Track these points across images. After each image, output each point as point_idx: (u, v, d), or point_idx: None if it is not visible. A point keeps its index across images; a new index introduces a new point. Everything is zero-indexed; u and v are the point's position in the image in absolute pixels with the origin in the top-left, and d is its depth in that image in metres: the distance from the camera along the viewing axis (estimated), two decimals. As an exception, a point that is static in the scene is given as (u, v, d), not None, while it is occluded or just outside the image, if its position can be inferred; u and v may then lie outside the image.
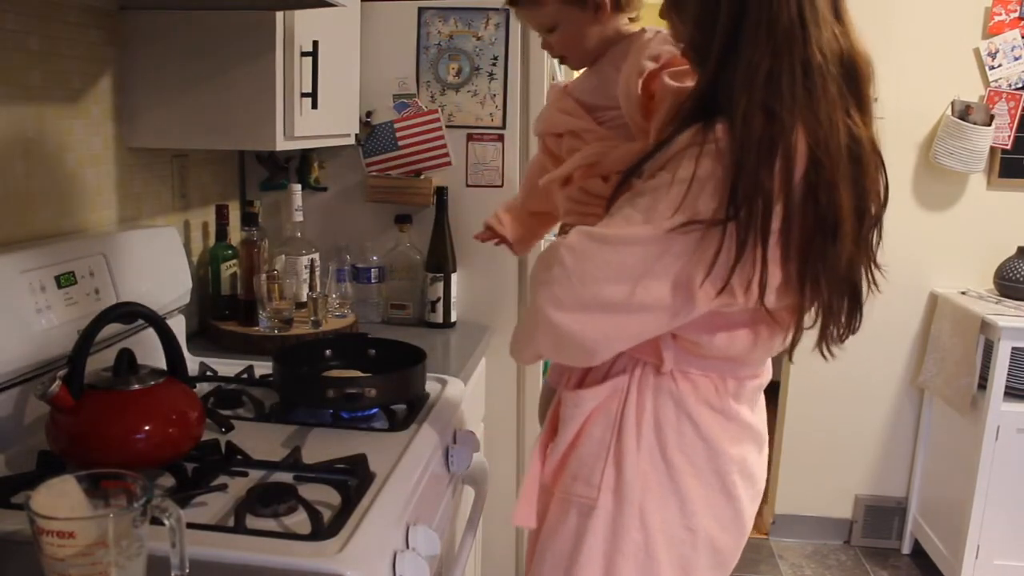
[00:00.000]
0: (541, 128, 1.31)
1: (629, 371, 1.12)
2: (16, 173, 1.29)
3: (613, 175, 1.13)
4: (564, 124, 1.24)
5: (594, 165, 1.17)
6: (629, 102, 1.12)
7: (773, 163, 0.92)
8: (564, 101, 1.25)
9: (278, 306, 1.73)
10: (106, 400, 1.04)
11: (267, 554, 0.91)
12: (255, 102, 1.54)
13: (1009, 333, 2.46)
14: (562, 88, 1.28)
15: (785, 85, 0.93)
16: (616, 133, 1.18)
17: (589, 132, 1.20)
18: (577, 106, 1.23)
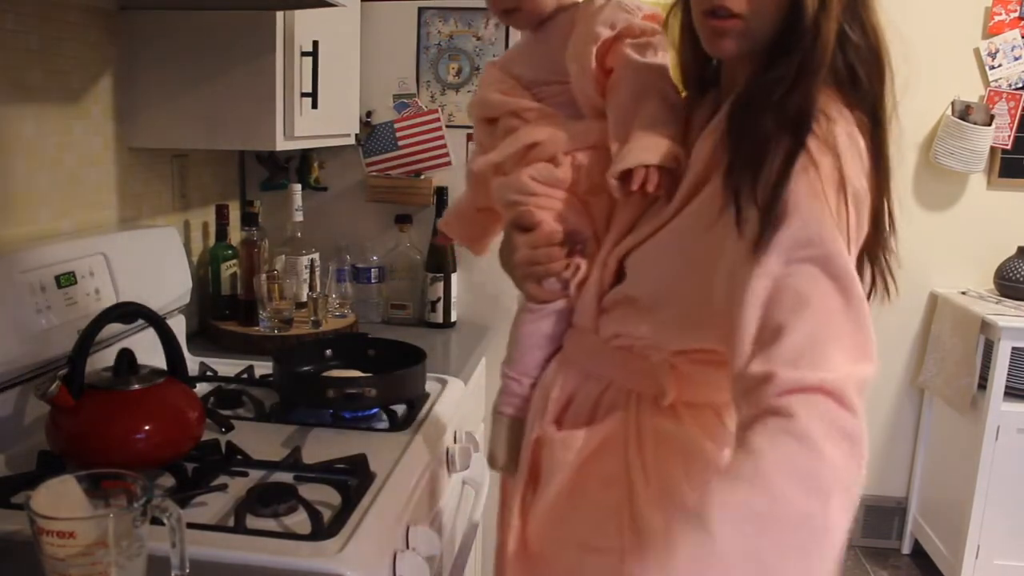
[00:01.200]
0: (474, 112, 1.16)
1: (623, 406, 0.96)
2: (16, 173, 1.29)
3: (560, 155, 1.02)
4: (500, 105, 1.09)
5: (535, 146, 1.03)
6: (582, 74, 1.00)
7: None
8: (500, 80, 1.11)
9: (278, 306, 1.73)
10: (106, 400, 1.04)
11: (267, 554, 0.91)
12: (255, 102, 1.54)
13: (1009, 333, 2.46)
14: (496, 66, 1.14)
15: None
16: (560, 112, 1.05)
17: (529, 111, 1.06)
18: (515, 83, 1.09)
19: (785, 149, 0.78)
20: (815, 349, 0.70)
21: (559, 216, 1.02)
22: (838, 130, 0.80)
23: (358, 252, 2.05)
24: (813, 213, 0.75)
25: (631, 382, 0.96)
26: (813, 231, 0.75)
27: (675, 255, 0.90)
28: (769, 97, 0.81)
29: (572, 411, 1.00)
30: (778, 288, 0.74)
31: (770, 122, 0.80)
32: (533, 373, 1.09)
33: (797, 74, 0.81)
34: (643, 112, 0.95)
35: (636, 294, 0.93)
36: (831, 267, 0.73)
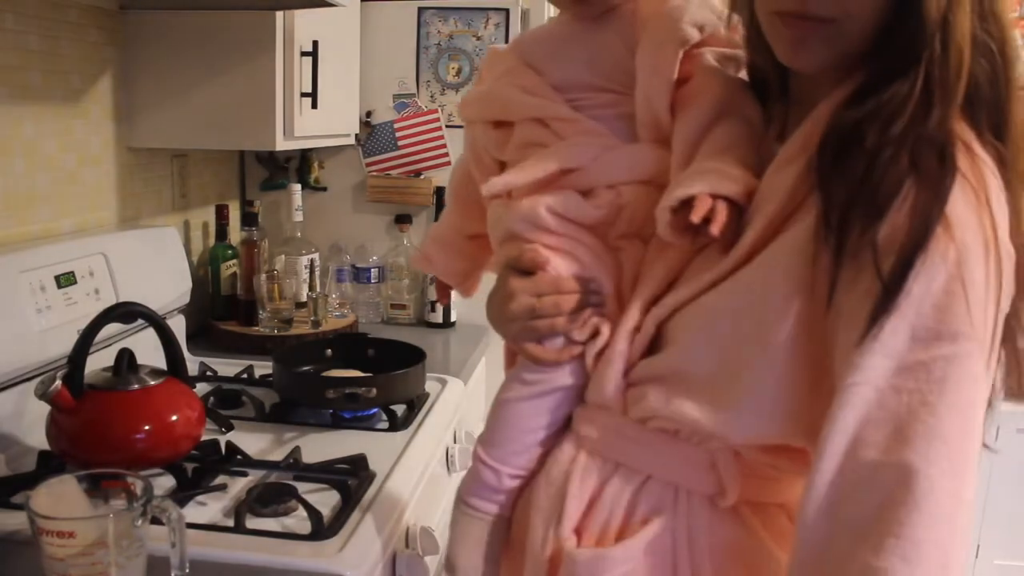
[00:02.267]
0: (479, 112, 0.89)
1: (669, 508, 0.73)
2: (16, 173, 1.29)
3: (601, 189, 0.79)
4: (525, 108, 0.83)
5: (571, 172, 0.80)
6: (656, 84, 0.77)
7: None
8: (522, 75, 0.85)
9: (278, 306, 1.73)
10: (106, 400, 1.04)
11: (267, 554, 0.91)
12: (255, 102, 1.54)
13: (1009, 333, 2.46)
14: (514, 54, 0.87)
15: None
16: (606, 127, 0.81)
17: (566, 123, 0.81)
18: (542, 82, 0.83)
19: (923, 200, 0.58)
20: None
21: (575, 260, 0.79)
22: (984, 168, 0.60)
23: (358, 252, 2.05)
24: (950, 295, 0.57)
25: (678, 475, 0.74)
26: (941, 323, 0.57)
27: (742, 317, 0.67)
28: (889, 127, 0.61)
29: (597, 516, 0.76)
30: (882, 407, 0.57)
31: (901, 159, 0.60)
32: (516, 464, 0.83)
33: (925, 93, 0.60)
34: (717, 132, 0.75)
35: (684, 368, 0.71)
36: (958, 378, 0.56)
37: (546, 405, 0.81)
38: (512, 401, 0.83)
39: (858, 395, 0.58)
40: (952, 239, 0.57)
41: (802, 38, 0.65)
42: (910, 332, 0.57)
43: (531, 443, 0.83)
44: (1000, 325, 0.60)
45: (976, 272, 0.57)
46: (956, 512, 0.56)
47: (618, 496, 0.75)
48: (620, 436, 0.76)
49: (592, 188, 0.79)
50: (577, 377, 0.80)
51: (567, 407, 0.82)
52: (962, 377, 0.57)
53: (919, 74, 0.61)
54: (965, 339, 0.57)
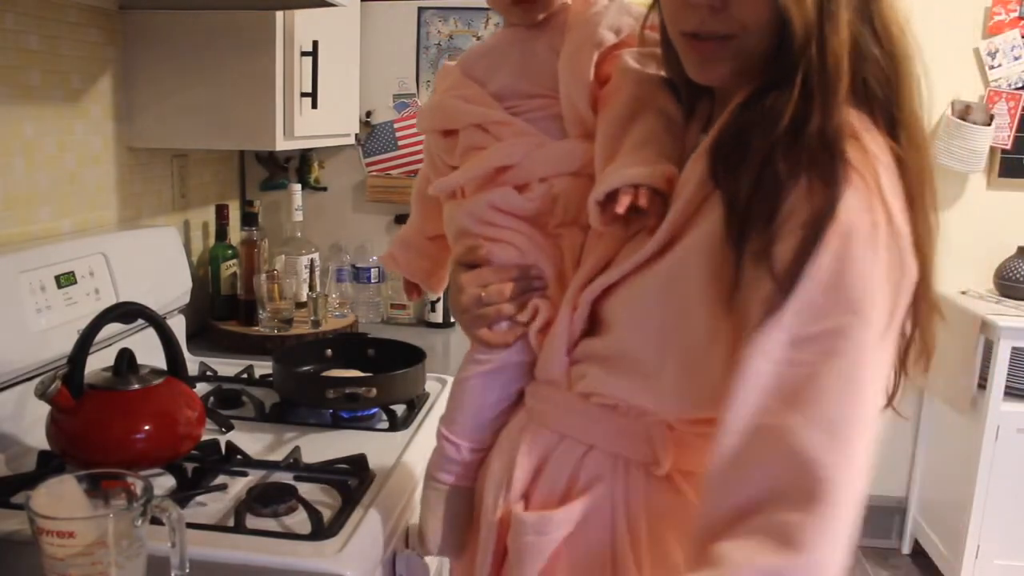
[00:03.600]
0: (429, 123, 0.96)
1: (608, 476, 0.78)
2: (16, 173, 1.29)
3: (535, 183, 0.86)
4: (467, 115, 0.90)
5: (506, 170, 0.86)
6: (576, 85, 0.84)
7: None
8: (464, 86, 0.92)
9: (278, 306, 1.73)
10: (106, 400, 1.04)
11: (267, 554, 0.91)
12: (255, 102, 1.54)
13: (1009, 333, 2.46)
14: (458, 69, 0.95)
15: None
16: (539, 127, 0.88)
17: (502, 125, 0.88)
18: (482, 92, 0.91)
19: (818, 191, 0.62)
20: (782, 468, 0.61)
21: (515, 249, 0.86)
22: (875, 161, 0.64)
23: (358, 252, 2.05)
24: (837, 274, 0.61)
25: (617, 446, 0.78)
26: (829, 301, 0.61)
27: (668, 302, 0.72)
28: (771, 130, 0.65)
29: (543, 483, 0.81)
30: (777, 376, 0.62)
31: (780, 163, 0.64)
32: (474, 438, 0.91)
33: (804, 98, 0.65)
34: (638, 127, 0.80)
35: (620, 350, 0.77)
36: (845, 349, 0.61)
37: (497, 382, 0.89)
38: (467, 379, 0.91)
39: (754, 367, 0.62)
40: (840, 224, 0.61)
41: (707, 56, 0.70)
42: (802, 309, 0.61)
43: (486, 418, 0.91)
44: (899, 303, 0.64)
45: (864, 253, 0.61)
46: (846, 469, 0.60)
47: (562, 465, 0.81)
48: (565, 410, 0.82)
49: (527, 182, 0.87)
50: (522, 354, 0.87)
51: (517, 383, 0.89)
52: (848, 349, 0.60)
53: (797, 80, 0.65)
54: (852, 314, 0.61)
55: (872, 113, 0.68)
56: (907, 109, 0.69)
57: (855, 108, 0.67)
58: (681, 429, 0.76)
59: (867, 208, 0.62)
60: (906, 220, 0.65)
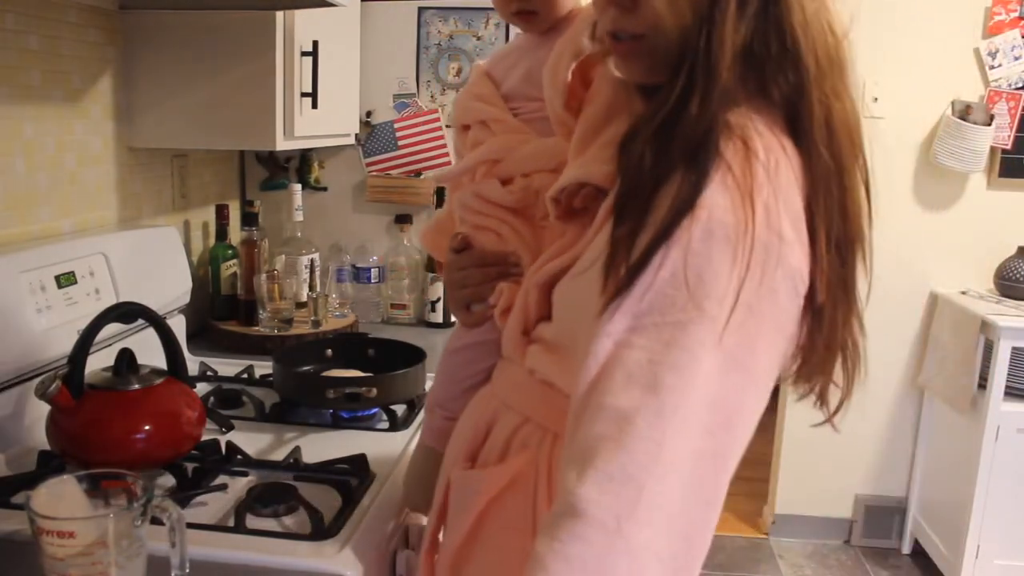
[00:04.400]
0: (454, 119, 1.07)
1: (535, 446, 0.84)
2: (16, 173, 1.29)
3: (518, 177, 0.93)
4: (475, 113, 1.00)
5: (497, 163, 0.95)
6: (553, 86, 0.89)
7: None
8: (481, 84, 1.01)
9: (278, 306, 1.73)
10: (106, 400, 1.04)
11: (267, 554, 0.91)
12: (255, 102, 1.54)
13: (1009, 333, 2.46)
14: (482, 68, 1.04)
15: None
16: (531, 127, 0.95)
17: (498, 123, 0.97)
18: (494, 91, 0.99)
19: (685, 187, 0.63)
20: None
21: (497, 238, 0.94)
22: (755, 162, 0.64)
23: (358, 252, 2.05)
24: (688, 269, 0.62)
25: (548, 420, 0.83)
26: (675, 293, 0.62)
27: (585, 293, 0.73)
28: (652, 122, 0.67)
29: (487, 448, 0.89)
30: (616, 357, 0.63)
31: (656, 150, 0.66)
32: (449, 406, 1.00)
33: (685, 89, 0.66)
34: (610, 130, 0.83)
35: (555, 333, 0.82)
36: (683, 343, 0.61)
37: (468, 357, 0.98)
38: (445, 355, 1.02)
39: (600, 345, 0.64)
40: (699, 221, 0.62)
41: (624, 53, 0.73)
42: (648, 297, 0.62)
43: (458, 389, 1.00)
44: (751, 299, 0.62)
45: (717, 254, 0.61)
46: (657, 458, 0.60)
47: (502, 433, 0.87)
48: (514, 384, 0.88)
49: (511, 176, 0.94)
50: (486, 333, 0.95)
51: (486, 361, 0.96)
52: (687, 343, 0.61)
53: (682, 74, 0.66)
54: (695, 310, 0.61)
55: (775, 112, 0.68)
56: (813, 101, 0.68)
57: (760, 110, 0.67)
58: None
59: (731, 211, 0.62)
60: (794, 220, 0.64)
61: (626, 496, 0.59)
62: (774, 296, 0.63)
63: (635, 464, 0.60)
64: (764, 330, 0.63)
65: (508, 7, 0.97)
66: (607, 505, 0.59)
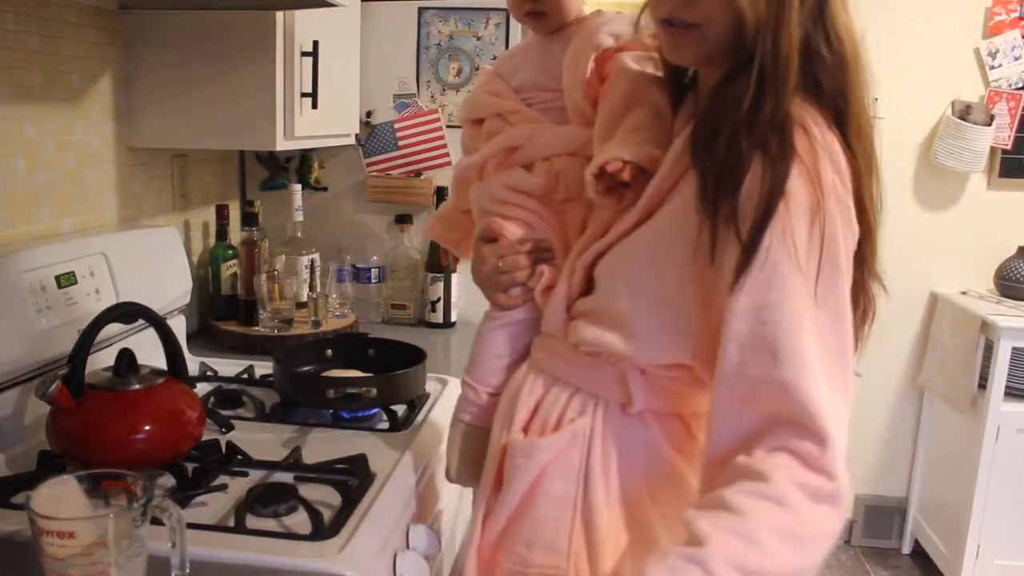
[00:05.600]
0: (463, 113, 1.15)
1: (591, 412, 0.92)
2: (16, 173, 1.29)
3: (539, 161, 1.02)
4: (488, 106, 1.09)
5: (515, 150, 1.03)
6: (574, 79, 0.99)
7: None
8: (493, 82, 1.11)
9: (278, 306, 1.73)
10: (106, 400, 1.04)
11: (267, 554, 0.91)
12: (255, 102, 1.54)
13: (1009, 333, 2.46)
14: (491, 71, 1.14)
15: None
16: (549, 117, 1.04)
17: (515, 114, 1.06)
18: (507, 87, 1.08)
19: (771, 169, 0.74)
20: (785, 409, 0.74)
21: (526, 225, 1.02)
22: (818, 147, 0.76)
23: (358, 252, 2.05)
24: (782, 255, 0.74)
25: (598, 388, 0.92)
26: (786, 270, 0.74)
27: (643, 265, 0.86)
28: (735, 114, 0.77)
29: (539, 418, 0.96)
30: (753, 335, 0.75)
31: (743, 141, 0.76)
32: (490, 382, 1.07)
33: (759, 87, 0.76)
34: (631, 117, 0.93)
35: (604, 306, 0.90)
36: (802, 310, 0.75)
37: (508, 335, 1.05)
38: (484, 333, 1.07)
39: (734, 328, 0.76)
40: (787, 207, 0.74)
41: (676, 40, 0.83)
42: (766, 278, 0.75)
43: (499, 366, 1.06)
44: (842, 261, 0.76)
45: (802, 232, 0.74)
46: (829, 403, 0.74)
47: (554, 403, 0.94)
48: (559, 357, 0.96)
49: (532, 161, 1.03)
50: (529, 312, 1.03)
51: (526, 337, 1.04)
52: (804, 310, 0.74)
53: (754, 71, 0.77)
54: (802, 280, 0.74)
55: (821, 107, 0.79)
56: (853, 101, 0.80)
57: (805, 101, 0.78)
58: (652, 373, 0.88)
59: (807, 195, 0.74)
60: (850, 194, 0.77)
61: (840, 459, 0.75)
62: (849, 253, 0.77)
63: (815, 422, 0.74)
64: (846, 282, 0.76)
65: (520, 8, 1.06)
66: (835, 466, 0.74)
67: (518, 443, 0.95)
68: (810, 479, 0.73)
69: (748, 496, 0.72)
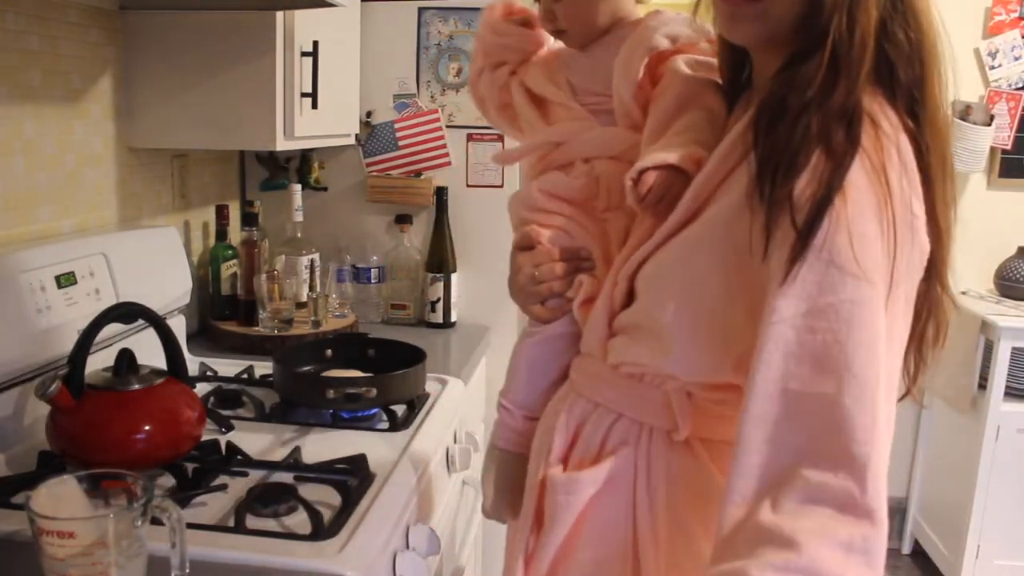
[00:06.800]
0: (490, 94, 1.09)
1: (633, 441, 0.85)
2: (16, 173, 1.29)
3: (579, 162, 0.96)
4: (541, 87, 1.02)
5: (559, 145, 0.98)
6: (624, 80, 0.93)
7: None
8: (551, 58, 1.04)
9: (278, 306, 1.73)
10: (106, 400, 1.04)
11: (267, 554, 0.91)
12: (255, 102, 1.54)
13: (1009, 333, 2.46)
14: (552, 52, 1.05)
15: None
16: (597, 119, 0.98)
17: (563, 107, 1.00)
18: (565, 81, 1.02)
19: (833, 158, 0.67)
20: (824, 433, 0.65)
21: (563, 232, 0.95)
22: (886, 141, 0.68)
23: (358, 252, 2.05)
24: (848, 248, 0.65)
25: (642, 414, 0.85)
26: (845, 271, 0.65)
27: (685, 270, 0.79)
28: (804, 95, 0.70)
29: (579, 447, 0.89)
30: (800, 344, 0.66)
31: (812, 124, 0.69)
32: (528, 405, 1.00)
33: (831, 69, 0.70)
34: (682, 120, 0.88)
35: (644, 319, 0.83)
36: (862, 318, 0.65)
37: (547, 352, 0.98)
38: (520, 350, 1.00)
39: (779, 333, 0.66)
40: (848, 201, 0.66)
41: (734, 13, 0.76)
42: (818, 278, 0.66)
43: (538, 387, 0.99)
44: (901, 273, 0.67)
45: (869, 229, 0.66)
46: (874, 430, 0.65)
47: (595, 431, 0.88)
48: (599, 380, 0.89)
49: (571, 161, 0.97)
50: (568, 326, 0.96)
51: (565, 355, 0.97)
52: (864, 317, 0.65)
53: (826, 52, 0.70)
54: (866, 285, 0.65)
55: (893, 94, 0.72)
56: (929, 94, 0.73)
57: (875, 87, 0.71)
58: (699, 396, 0.82)
59: (870, 188, 0.66)
60: (919, 198, 0.69)
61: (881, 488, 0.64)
62: (912, 264, 0.69)
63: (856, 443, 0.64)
64: (907, 295, 0.69)
65: (546, 27, 1.01)
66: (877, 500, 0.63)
67: (558, 479, 0.87)
68: (846, 532, 0.62)
69: (776, 573, 0.62)
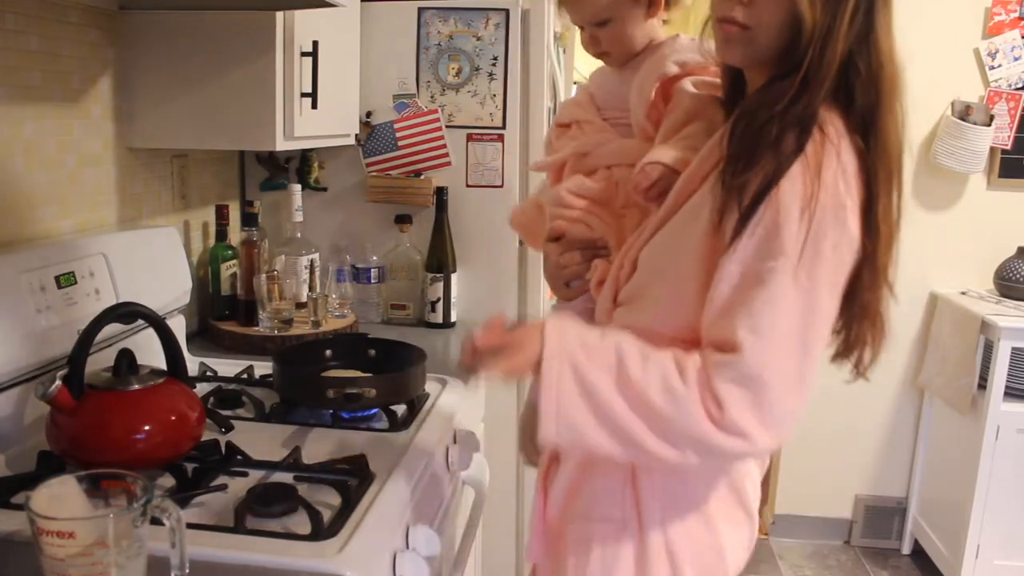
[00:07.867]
0: (556, 118, 1.32)
1: None
2: (16, 173, 1.29)
3: (601, 169, 1.14)
4: (571, 113, 1.24)
5: (585, 155, 1.16)
6: (639, 100, 1.11)
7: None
8: (581, 94, 1.26)
9: (278, 306, 1.73)
10: (106, 400, 1.04)
11: (267, 554, 0.91)
12: (255, 102, 1.54)
13: (1009, 333, 2.46)
14: (586, 85, 1.28)
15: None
16: (617, 132, 1.17)
17: (590, 124, 1.20)
18: (590, 100, 1.23)
19: (779, 158, 0.84)
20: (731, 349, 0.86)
21: (585, 225, 1.13)
22: (828, 146, 0.85)
23: (358, 252, 2.05)
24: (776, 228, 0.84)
25: None
26: (775, 247, 0.84)
27: (670, 247, 0.97)
28: (773, 106, 0.87)
29: None
30: (729, 295, 0.87)
31: (772, 130, 0.86)
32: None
33: (800, 87, 0.86)
34: (687, 131, 1.04)
35: (638, 290, 1.00)
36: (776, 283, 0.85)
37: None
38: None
39: (719, 287, 0.88)
40: (781, 192, 0.84)
41: (728, 37, 0.92)
42: (751, 250, 0.86)
43: None
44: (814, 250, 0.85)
45: (792, 215, 0.84)
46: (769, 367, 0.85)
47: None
48: None
49: (595, 168, 1.15)
50: (586, 303, 1.16)
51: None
52: (777, 283, 0.85)
53: (799, 75, 0.87)
54: (783, 258, 0.84)
55: (846, 113, 0.88)
56: (881, 119, 0.89)
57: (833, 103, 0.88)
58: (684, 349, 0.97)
59: (802, 185, 0.84)
60: (852, 197, 0.86)
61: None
62: (837, 249, 0.86)
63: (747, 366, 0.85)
64: (826, 272, 0.86)
65: (589, 51, 1.20)
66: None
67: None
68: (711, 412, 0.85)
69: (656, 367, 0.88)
